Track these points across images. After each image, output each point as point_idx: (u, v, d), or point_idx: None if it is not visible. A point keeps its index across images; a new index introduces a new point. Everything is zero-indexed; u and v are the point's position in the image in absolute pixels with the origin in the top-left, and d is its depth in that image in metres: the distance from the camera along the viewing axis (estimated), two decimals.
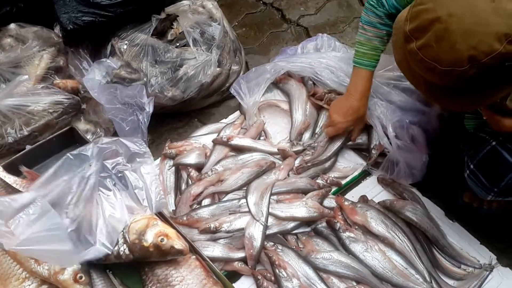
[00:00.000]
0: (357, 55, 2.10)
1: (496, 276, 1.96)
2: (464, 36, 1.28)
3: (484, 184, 1.78)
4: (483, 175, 1.78)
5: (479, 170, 1.79)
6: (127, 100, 2.38)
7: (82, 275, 1.47)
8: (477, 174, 1.79)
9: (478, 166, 1.80)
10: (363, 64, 2.10)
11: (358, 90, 2.13)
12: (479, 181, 1.80)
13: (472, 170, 1.82)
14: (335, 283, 1.90)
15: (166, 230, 1.55)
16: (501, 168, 1.72)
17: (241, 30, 3.23)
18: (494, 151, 1.74)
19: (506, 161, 1.70)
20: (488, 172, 1.77)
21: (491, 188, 1.76)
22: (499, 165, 1.72)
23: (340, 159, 2.36)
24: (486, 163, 1.76)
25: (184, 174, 2.25)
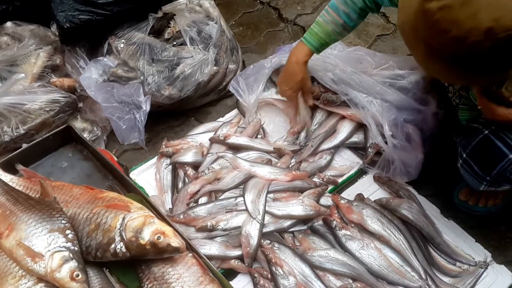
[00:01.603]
0: (309, 32, 2.17)
1: (491, 273, 1.96)
2: (490, 6, 1.26)
3: (476, 172, 1.80)
4: (476, 163, 1.79)
5: (472, 159, 1.81)
6: (124, 98, 2.39)
7: (79, 273, 1.46)
8: (470, 163, 1.81)
9: (470, 154, 1.81)
10: (309, 42, 2.16)
11: (295, 57, 2.21)
12: (472, 170, 1.81)
13: (464, 159, 1.83)
14: (332, 280, 1.91)
15: (163, 228, 1.55)
16: (493, 156, 1.73)
17: (238, 29, 3.23)
18: (487, 139, 1.76)
19: (498, 149, 1.72)
20: (480, 160, 1.79)
21: (484, 177, 1.78)
22: (492, 153, 1.74)
23: (337, 158, 2.36)
24: (479, 152, 1.77)
25: (181, 173, 2.26)
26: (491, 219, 2.19)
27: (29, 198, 1.67)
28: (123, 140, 2.49)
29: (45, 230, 1.53)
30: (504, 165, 1.71)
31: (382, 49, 3.01)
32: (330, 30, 2.11)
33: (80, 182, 1.91)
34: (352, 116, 2.35)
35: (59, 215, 1.58)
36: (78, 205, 1.67)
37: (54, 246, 1.50)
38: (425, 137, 2.24)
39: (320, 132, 2.37)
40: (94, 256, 1.57)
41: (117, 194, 1.74)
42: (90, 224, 1.60)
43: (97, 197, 1.69)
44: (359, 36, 3.14)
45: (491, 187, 1.80)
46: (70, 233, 1.54)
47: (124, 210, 1.61)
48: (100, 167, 2.03)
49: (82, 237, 1.58)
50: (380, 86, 2.31)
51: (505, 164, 1.71)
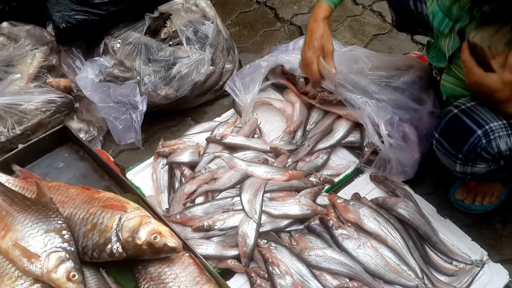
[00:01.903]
0: None
1: (487, 271, 1.97)
2: None
3: (449, 151, 1.82)
4: (447, 141, 1.82)
5: (443, 137, 1.83)
6: (120, 98, 2.39)
7: (75, 273, 1.46)
8: (442, 142, 1.84)
9: (441, 133, 1.84)
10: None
11: (314, 17, 2.11)
12: (444, 149, 1.84)
13: (437, 138, 1.86)
14: (328, 279, 1.91)
15: (160, 228, 1.55)
16: (462, 133, 1.76)
17: (234, 29, 3.23)
18: (455, 117, 1.79)
19: (467, 126, 1.74)
20: (450, 138, 1.82)
21: (456, 155, 1.80)
22: (461, 130, 1.76)
23: (333, 157, 2.37)
24: (448, 130, 1.81)
25: (178, 173, 2.25)
26: (487, 217, 2.20)
27: (25, 199, 1.66)
28: (119, 140, 2.48)
29: (41, 230, 1.53)
30: (473, 142, 1.73)
31: (378, 49, 3.01)
32: None
33: (76, 182, 1.91)
34: (348, 115, 2.36)
35: (55, 216, 1.58)
36: (74, 205, 1.67)
37: (51, 246, 1.50)
38: (421, 136, 2.25)
39: (316, 131, 2.38)
40: (90, 256, 1.57)
41: (113, 194, 1.74)
42: (87, 225, 1.59)
43: (93, 197, 1.68)
44: (355, 35, 3.15)
45: (466, 166, 1.81)
46: (66, 234, 1.54)
47: (120, 210, 1.60)
48: (97, 167, 2.03)
49: (79, 237, 1.58)
50: (376, 85, 2.32)
51: (474, 141, 1.73)
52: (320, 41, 2.08)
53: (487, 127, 1.71)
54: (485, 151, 1.73)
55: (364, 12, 3.30)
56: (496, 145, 1.71)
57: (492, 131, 1.70)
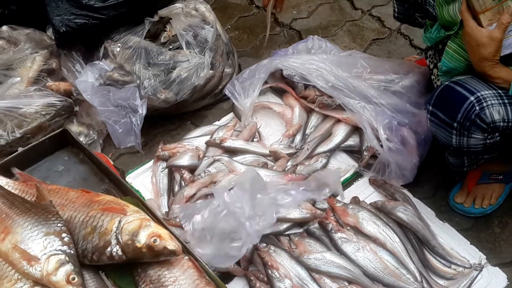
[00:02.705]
0: None
1: (485, 275, 1.97)
2: None
3: (444, 121, 1.84)
4: (441, 111, 1.85)
5: (437, 108, 1.86)
6: (120, 102, 2.40)
7: (75, 276, 1.46)
8: (436, 113, 1.86)
9: (434, 104, 1.87)
10: None
11: None
12: (439, 119, 1.86)
13: (431, 111, 1.89)
14: (327, 283, 1.91)
15: (159, 231, 1.55)
16: (455, 100, 1.79)
17: (234, 33, 3.24)
18: (447, 87, 1.83)
19: (459, 93, 1.78)
20: (444, 107, 1.84)
21: (451, 124, 1.81)
22: (453, 98, 1.79)
23: (332, 161, 2.37)
24: (442, 100, 1.83)
25: (177, 176, 2.26)
26: (486, 221, 2.21)
27: (25, 202, 1.66)
28: (119, 144, 2.49)
29: (41, 233, 1.53)
30: (467, 108, 1.75)
31: (377, 53, 3.02)
32: None
33: (76, 185, 1.91)
34: (347, 119, 2.36)
35: (55, 218, 1.58)
36: (74, 208, 1.67)
37: (50, 249, 1.50)
38: (420, 140, 2.26)
39: (315, 135, 2.38)
40: (90, 259, 1.57)
41: (113, 197, 1.74)
42: (86, 227, 1.59)
43: (93, 201, 1.68)
44: (354, 40, 3.15)
45: (462, 137, 1.83)
46: (66, 236, 1.54)
47: (120, 213, 1.61)
48: (96, 170, 2.03)
49: (78, 240, 1.58)
50: (375, 90, 2.33)
51: (468, 107, 1.75)
52: None
53: (479, 94, 1.74)
54: (480, 118, 1.75)
55: (363, 16, 3.31)
56: (490, 113, 1.73)
57: (484, 98, 1.73)
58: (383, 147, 2.16)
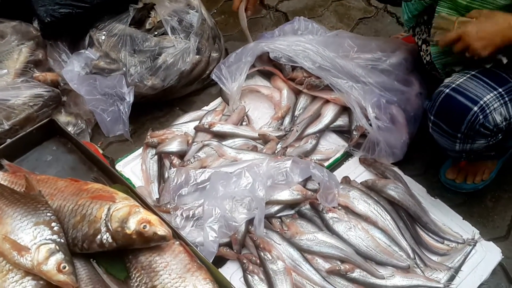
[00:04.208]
0: None
1: (479, 250, 1.98)
2: None
3: (447, 132, 1.83)
4: (444, 123, 1.83)
5: (439, 119, 1.84)
6: (107, 90, 2.38)
7: (66, 265, 1.46)
8: (439, 124, 1.85)
9: (437, 115, 1.85)
10: None
11: None
12: (442, 130, 1.85)
13: (433, 121, 1.87)
14: (320, 263, 1.92)
15: (149, 217, 1.55)
16: (458, 112, 1.77)
17: (220, 17, 3.21)
18: (449, 97, 1.80)
19: (462, 104, 1.76)
20: (447, 118, 1.83)
21: (455, 135, 1.81)
22: (456, 109, 1.78)
23: (322, 142, 2.37)
24: (444, 111, 1.81)
25: (167, 162, 2.25)
26: (478, 196, 2.21)
27: (14, 192, 1.66)
28: (108, 132, 2.48)
29: (30, 223, 1.52)
30: (471, 119, 1.75)
31: (364, 32, 3.01)
32: None
33: (65, 175, 1.90)
34: (336, 99, 2.36)
35: (44, 208, 1.58)
36: (63, 197, 1.66)
37: (40, 239, 1.50)
38: (409, 118, 2.26)
39: (304, 116, 2.38)
40: (80, 247, 1.57)
41: (102, 185, 1.74)
42: (76, 216, 1.59)
43: (82, 189, 1.68)
44: (341, 20, 3.14)
45: (466, 144, 1.83)
46: (55, 226, 1.54)
47: (109, 201, 1.60)
48: (85, 159, 2.02)
49: (68, 229, 1.58)
50: (362, 69, 2.32)
51: (471, 118, 1.75)
52: None
53: (481, 102, 1.73)
54: (484, 126, 1.75)
55: None
56: (493, 118, 1.74)
57: (487, 106, 1.73)
58: (372, 125, 2.16)
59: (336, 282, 1.89)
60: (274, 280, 1.85)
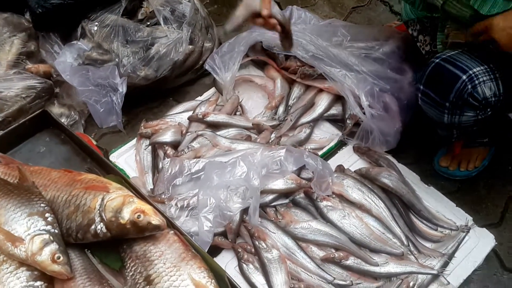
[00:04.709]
0: None
1: (473, 236, 1.99)
2: None
3: (436, 101, 1.83)
4: (433, 91, 1.83)
5: (428, 88, 1.84)
6: (99, 81, 2.38)
7: (60, 255, 1.45)
8: (428, 93, 1.85)
9: (426, 84, 1.85)
10: None
11: None
12: (431, 99, 1.85)
13: (422, 90, 1.87)
14: (315, 251, 1.93)
15: (143, 207, 1.54)
16: (447, 80, 1.77)
17: (213, 7, 3.20)
18: (438, 66, 1.80)
19: (451, 72, 1.76)
20: (436, 87, 1.83)
21: (443, 104, 1.81)
22: (445, 78, 1.78)
23: (316, 131, 2.38)
24: (433, 79, 1.81)
25: (161, 153, 2.25)
26: (471, 183, 2.23)
27: (7, 184, 1.65)
28: (101, 124, 2.48)
29: (24, 214, 1.52)
30: (459, 87, 1.75)
31: (357, 21, 3.01)
32: None
33: (58, 166, 1.89)
34: (329, 88, 2.36)
35: (38, 199, 1.57)
36: (56, 188, 1.65)
37: (34, 229, 1.49)
38: (403, 106, 2.26)
39: (298, 106, 2.38)
40: (75, 238, 1.56)
41: (95, 175, 1.72)
42: (70, 207, 1.58)
43: (75, 180, 1.67)
44: (334, 9, 3.14)
45: (454, 115, 1.83)
46: (49, 216, 1.53)
47: (103, 191, 1.59)
48: (78, 150, 2.01)
49: (62, 219, 1.57)
50: (356, 57, 2.32)
51: (460, 86, 1.75)
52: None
53: (470, 72, 1.73)
54: (472, 96, 1.75)
55: None
56: (482, 90, 1.74)
57: (476, 76, 1.73)
58: (366, 114, 2.17)
59: (330, 269, 1.90)
60: (269, 269, 1.86)
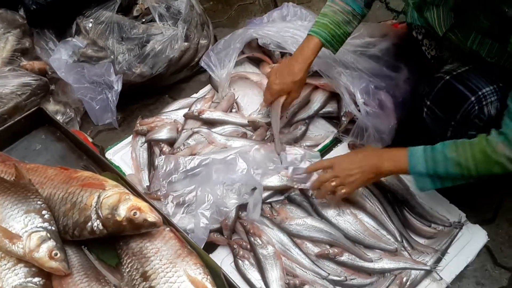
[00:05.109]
0: (314, 25, 1.99)
1: (466, 233, 2.00)
2: None
3: (441, 118, 1.83)
4: (439, 109, 1.82)
5: (435, 105, 1.83)
6: (95, 79, 2.38)
7: (57, 252, 1.47)
8: (434, 110, 1.84)
9: (434, 101, 1.84)
10: (316, 33, 1.96)
11: (301, 54, 2.00)
12: (436, 116, 1.84)
13: (429, 106, 1.86)
14: (309, 247, 1.94)
15: (139, 204, 1.55)
16: (456, 100, 1.76)
17: (208, 4, 3.22)
18: (448, 84, 1.79)
19: (461, 92, 1.75)
20: (444, 105, 1.82)
21: (449, 122, 1.80)
22: (454, 97, 1.77)
23: (311, 128, 2.38)
24: (442, 97, 1.79)
25: (157, 150, 2.25)
26: None
27: (3, 181, 1.66)
28: (97, 121, 2.48)
29: (21, 211, 1.53)
30: (467, 108, 1.74)
31: None
32: (340, 19, 1.97)
33: (54, 163, 1.90)
34: (325, 85, 2.37)
35: (35, 196, 1.58)
36: (53, 185, 1.67)
37: (31, 226, 1.50)
38: (398, 103, 2.27)
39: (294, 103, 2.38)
40: (71, 235, 1.57)
41: (91, 173, 1.74)
42: (66, 204, 1.59)
43: (71, 177, 1.68)
44: None
45: (458, 133, 1.81)
46: (46, 214, 1.54)
47: (99, 188, 1.61)
48: (74, 147, 2.02)
49: (59, 216, 1.58)
50: (351, 54, 2.33)
51: (468, 107, 1.74)
52: (290, 86, 2.05)
53: (480, 92, 1.72)
54: (478, 118, 1.74)
55: None
56: (488, 110, 1.72)
57: (485, 97, 1.72)
58: (361, 111, 2.17)
59: (325, 265, 1.91)
60: (264, 265, 1.87)
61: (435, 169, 1.68)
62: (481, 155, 1.60)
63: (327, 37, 1.96)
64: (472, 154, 1.62)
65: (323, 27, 1.96)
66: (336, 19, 1.97)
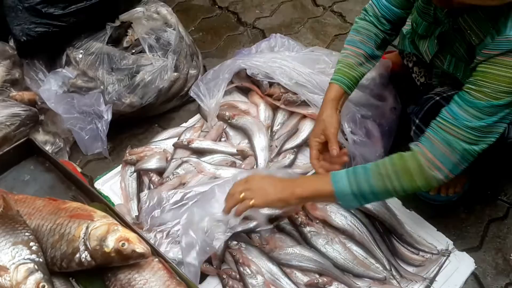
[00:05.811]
0: (335, 73, 2.01)
1: (453, 260, 2.01)
2: None
3: None
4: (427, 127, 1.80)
5: (424, 123, 1.83)
6: (84, 109, 2.39)
7: (45, 284, 1.45)
8: (422, 128, 1.83)
9: (422, 120, 1.86)
10: (337, 80, 1.99)
11: (325, 100, 2.01)
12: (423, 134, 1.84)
13: (417, 125, 1.89)
14: (299, 276, 1.94)
15: (127, 235, 1.55)
16: None
17: (198, 34, 3.25)
18: (438, 104, 1.82)
19: None
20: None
21: None
22: None
23: (300, 156, 2.39)
24: (430, 116, 1.76)
25: (146, 180, 2.26)
26: (452, 208, 2.25)
27: None
28: (86, 151, 2.48)
29: (8, 243, 1.52)
30: None
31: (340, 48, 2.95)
32: (353, 62, 1.99)
33: (43, 194, 1.89)
34: (312, 114, 2.39)
35: (22, 228, 1.57)
36: (41, 216, 1.66)
37: (19, 258, 1.49)
38: (384, 132, 2.30)
39: (282, 132, 2.41)
40: (59, 266, 1.56)
41: (80, 204, 1.73)
42: (54, 235, 1.59)
43: (60, 208, 1.68)
44: (317, 36, 3.19)
45: None
46: (34, 245, 1.53)
47: (87, 219, 1.60)
48: (63, 178, 2.02)
49: (47, 248, 1.57)
50: None
51: None
52: (322, 124, 1.98)
53: None
54: None
55: (325, 13, 3.35)
56: None
57: None
58: (348, 140, 2.19)
59: None
60: None
61: (357, 183, 1.66)
62: (400, 162, 1.64)
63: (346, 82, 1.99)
64: (391, 163, 1.65)
65: (341, 73, 1.99)
66: (350, 63, 2.00)
